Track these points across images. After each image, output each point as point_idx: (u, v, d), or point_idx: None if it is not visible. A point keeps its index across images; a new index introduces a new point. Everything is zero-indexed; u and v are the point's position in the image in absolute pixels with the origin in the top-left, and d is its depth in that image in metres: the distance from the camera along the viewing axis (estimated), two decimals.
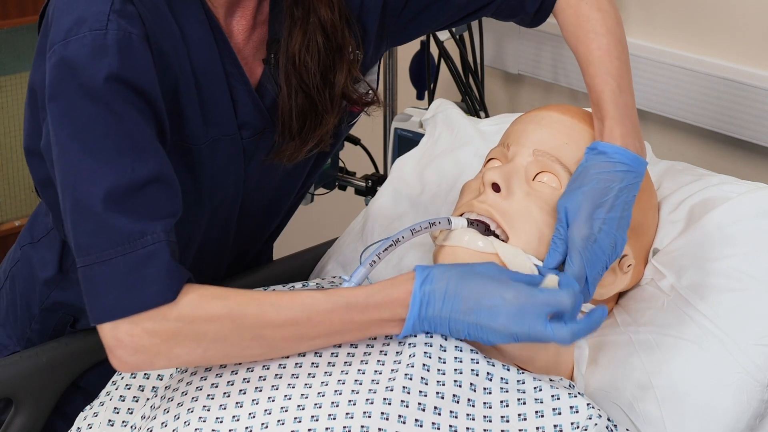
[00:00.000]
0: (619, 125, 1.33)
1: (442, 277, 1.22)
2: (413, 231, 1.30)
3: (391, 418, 1.16)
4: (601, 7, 1.42)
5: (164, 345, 1.18)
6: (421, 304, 1.22)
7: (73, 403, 1.52)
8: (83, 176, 1.19)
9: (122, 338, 1.18)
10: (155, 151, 1.23)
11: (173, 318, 1.18)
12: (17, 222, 2.92)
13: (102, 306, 1.19)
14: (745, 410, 1.28)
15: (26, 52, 2.83)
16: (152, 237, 1.19)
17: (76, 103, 1.20)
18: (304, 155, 1.43)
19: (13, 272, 1.59)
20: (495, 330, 1.21)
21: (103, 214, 1.18)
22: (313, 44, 1.37)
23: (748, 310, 1.33)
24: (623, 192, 1.29)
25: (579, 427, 1.18)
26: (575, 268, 1.25)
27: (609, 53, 1.38)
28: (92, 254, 1.19)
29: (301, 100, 1.39)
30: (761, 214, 1.40)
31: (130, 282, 1.18)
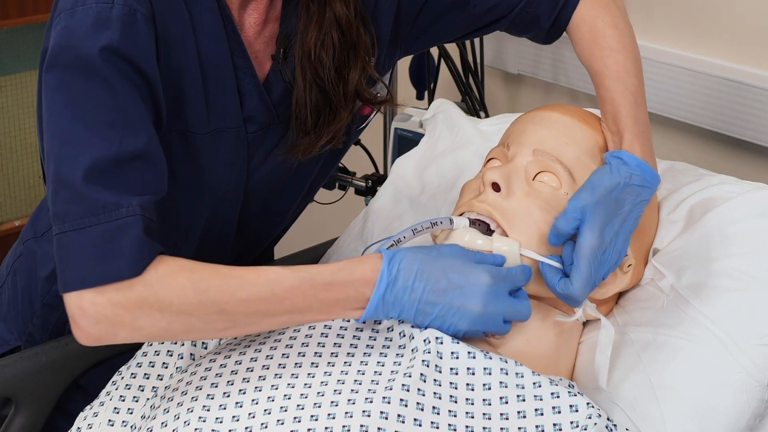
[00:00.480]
0: (639, 141, 1.33)
1: (410, 257, 1.22)
2: (415, 231, 1.30)
3: (390, 417, 1.16)
4: (617, 24, 1.42)
5: (128, 315, 1.18)
6: (389, 283, 1.21)
7: (75, 401, 1.53)
8: (70, 144, 1.20)
9: (86, 307, 1.18)
10: (145, 128, 1.23)
11: (138, 288, 1.18)
12: (17, 222, 2.92)
13: (71, 275, 1.18)
14: (745, 410, 1.28)
15: (26, 52, 2.83)
16: (127, 210, 1.19)
17: (72, 72, 1.21)
18: (318, 150, 1.43)
19: (15, 267, 1.59)
20: (468, 311, 1.22)
21: (83, 183, 1.19)
22: (328, 40, 1.38)
23: (748, 310, 1.33)
24: (637, 207, 1.30)
25: (579, 426, 1.18)
26: (582, 277, 1.26)
27: (627, 70, 1.38)
28: (67, 221, 1.19)
29: (315, 95, 1.39)
30: (761, 214, 1.40)
31: (101, 252, 1.18)
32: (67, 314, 1.20)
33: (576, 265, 1.26)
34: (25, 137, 2.89)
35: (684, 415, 1.28)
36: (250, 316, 1.22)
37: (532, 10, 1.47)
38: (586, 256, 1.26)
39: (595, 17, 1.43)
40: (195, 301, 1.19)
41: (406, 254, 1.23)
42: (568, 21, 1.46)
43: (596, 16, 1.43)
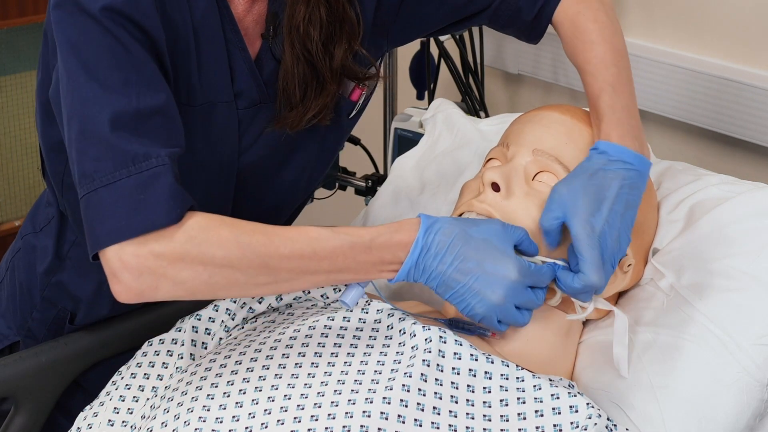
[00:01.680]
0: (616, 126, 1.33)
1: (447, 230, 1.23)
2: None
3: (390, 417, 1.16)
4: (597, 18, 1.43)
5: (170, 267, 1.17)
6: (422, 251, 1.23)
7: (76, 400, 1.53)
8: (90, 103, 1.20)
9: (128, 260, 1.16)
10: (161, 86, 1.24)
11: (181, 240, 1.17)
12: (17, 222, 2.92)
13: (106, 229, 1.17)
14: (745, 410, 1.28)
15: (26, 52, 2.83)
16: (157, 160, 1.19)
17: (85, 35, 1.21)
18: (305, 124, 1.43)
19: (13, 262, 1.59)
20: (486, 298, 1.23)
21: (110, 137, 1.19)
22: (315, 15, 1.38)
23: (748, 310, 1.33)
24: (624, 189, 1.29)
25: (579, 426, 1.18)
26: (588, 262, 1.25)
27: (604, 61, 1.39)
28: (97, 179, 1.18)
29: (303, 68, 1.40)
30: (761, 214, 1.40)
31: (136, 203, 1.17)
32: (106, 272, 1.18)
33: (579, 256, 1.26)
34: (25, 137, 2.89)
35: (684, 415, 1.28)
36: (291, 272, 1.21)
37: (513, 2, 1.48)
38: (583, 243, 1.25)
39: (576, 12, 1.44)
40: (238, 254, 1.18)
41: (444, 225, 1.24)
42: (551, 16, 1.47)
43: (578, 12, 1.44)
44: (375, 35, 1.48)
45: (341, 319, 1.31)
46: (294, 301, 1.43)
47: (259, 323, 1.39)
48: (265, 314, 1.42)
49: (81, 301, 1.55)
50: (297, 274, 1.22)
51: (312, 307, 1.40)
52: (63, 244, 1.53)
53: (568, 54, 1.45)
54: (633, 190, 1.30)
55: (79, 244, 1.51)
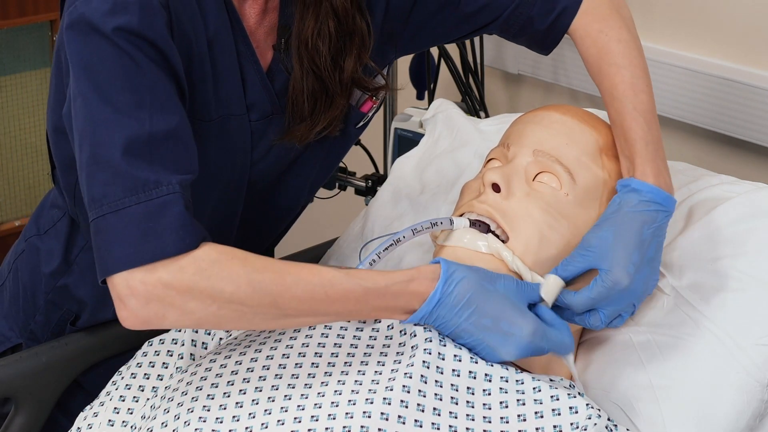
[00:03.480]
0: (651, 164, 1.32)
1: (465, 284, 1.22)
2: (414, 231, 1.30)
3: (390, 418, 1.16)
4: (621, 37, 1.41)
5: (179, 297, 1.16)
6: (438, 303, 1.22)
7: (76, 400, 1.53)
8: (102, 127, 1.19)
9: (136, 287, 1.15)
10: (175, 107, 1.23)
11: (191, 271, 1.16)
12: (17, 222, 2.92)
13: (115, 255, 1.16)
14: (745, 410, 1.28)
15: (26, 52, 2.83)
16: (167, 188, 1.18)
17: (98, 55, 1.20)
18: (314, 137, 1.43)
19: (16, 264, 1.59)
20: (498, 354, 1.24)
21: (120, 162, 1.17)
22: (324, 29, 1.38)
23: (748, 310, 1.33)
24: (657, 232, 1.30)
25: (578, 427, 1.18)
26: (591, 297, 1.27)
27: (633, 87, 1.37)
28: (105, 204, 1.17)
29: (312, 82, 1.39)
30: (761, 214, 1.40)
31: (145, 230, 1.16)
32: (113, 297, 1.17)
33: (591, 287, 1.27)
34: (25, 137, 2.89)
35: (684, 415, 1.28)
36: (301, 312, 1.20)
37: (525, 11, 1.46)
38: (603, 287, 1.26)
39: (599, 31, 1.42)
40: (249, 291, 1.17)
41: (464, 277, 1.22)
42: (566, 29, 1.46)
43: (600, 30, 1.42)
44: (383, 44, 1.48)
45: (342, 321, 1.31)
46: None
47: None
48: None
49: (86, 305, 1.54)
50: (307, 314, 1.21)
51: None
52: (72, 248, 1.52)
53: (591, 74, 1.43)
54: (662, 231, 1.31)
55: (88, 250, 1.51)
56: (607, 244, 1.27)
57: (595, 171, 1.36)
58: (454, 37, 1.54)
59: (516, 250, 1.30)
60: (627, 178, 1.33)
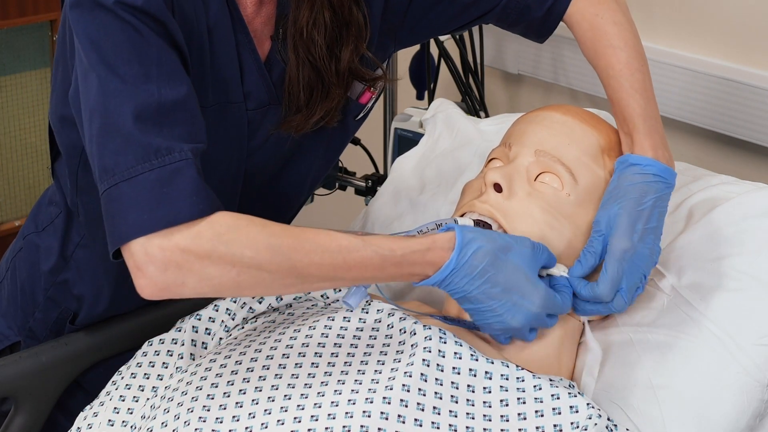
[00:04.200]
0: (648, 138, 1.35)
1: (480, 254, 1.22)
2: (420, 232, 1.30)
3: (390, 417, 1.16)
4: (617, 20, 1.43)
5: (198, 263, 1.14)
6: (452, 272, 1.22)
7: (76, 400, 1.53)
8: (112, 97, 1.18)
9: (154, 253, 1.14)
10: (182, 78, 1.22)
11: (209, 237, 1.15)
12: (17, 222, 2.92)
13: (130, 222, 1.15)
14: (745, 410, 1.28)
15: (26, 52, 2.83)
16: (180, 154, 1.17)
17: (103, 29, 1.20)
18: (311, 127, 1.43)
19: (15, 261, 1.59)
20: (504, 320, 1.24)
21: (132, 130, 1.17)
22: (320, 19, 1.38)
23: (748, 310, 1.33)
24: (658, 202, 1.32)
25: (579, 426, 1.18)
26: (609, 276, 1.28)
27: (629, 66, 1.39)
28: (118, 173, 1.16)
29: (307, 72, 1.39)
30: (761, 214, 1.40)
31: (159, 196, 1.15)
32: (130, 266, 1.16)
33: (604, 269, 1.28)
34: (25, 137, 2.89)
35: (684, 415, 1.28)
36: (318, 277, 1.20)
37: (521, 0, 1.48)
38: (612, 260, 1.28)
39: (594, 14, 1.44)
40: (267, 256, 1.16)
41: (479, 247, 1.23)
42: (562, 15, 1.47)
43: (595, 14, 1.44)
44: (382, 37, 1.48)
45: (341, 320, 1.31)
46: (294, 301, 1.43)
47: (259, 323, 1.39)
48: (265, 314, 1.42)
49: (84, 301, 1.55)
50: (324, 279, 1.20)
51: (312, 307, 1.40)
52: (68, 244, 1.52)
53: (587, 56, 1.45)
54: (663, 202, 1.33)
55: (84, 246, 1.51)
56: (612, 218, 1.30)
57: (597, 171, 1.36)
58: (452, 27, 1.55)
59: None
60: (624, 155, 1.35)
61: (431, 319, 1.34)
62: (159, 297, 1.16)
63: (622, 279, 1.29)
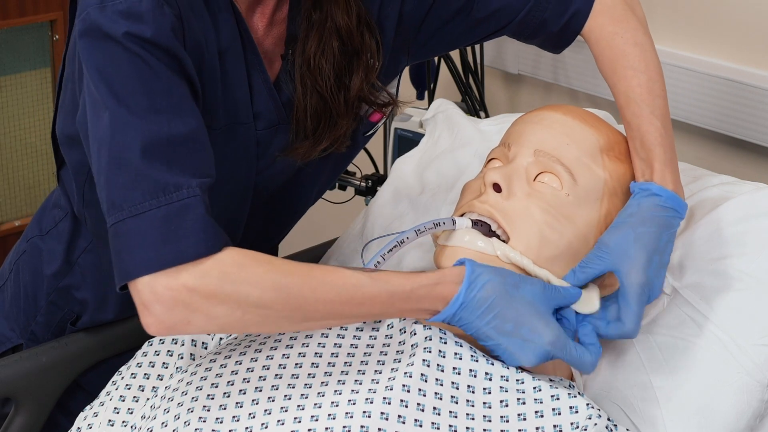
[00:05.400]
0: (670, 170, 1.34)
1: (489, 287, 1.22)
2: (418, 231, 1.30)
3: (390, 417, 1.16)
4: (637, 40, 1.41)
5: (204, 302, 1.13)
6: (461, 306, 1.21)
7: (76, 400, 1.53)
8: (120, 130, 1.17)
9: (160, 292, 1.13)
10: (191, 111, 1.21)
11: (215, 275, 1.14)
12: (17, 222, 2.92)
13: (137, 259, 1.14)
14: (745, 410, 1.28)
15: (26, 52, 2.83)
16: (188, 191, 1.16)
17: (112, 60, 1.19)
18: (318, 155, 1.43)
19: (18, 264, 1.59)
20: (516, 359, 1.23)
21: (140, 165, 1.16)
22: (328, 48, 1.37)
23: (748, 310, 1.33)
24: (671, 237, 1.31)
25: (579, 427, 1.18)
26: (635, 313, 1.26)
27: (650, 91, 1.38)
28: (125, 209, 1.16)
29: (315, 101, 1.39)
30: (761, 214, 1.40)
31: (166, 234, 1.14)
32: (136, 303, 1.15)
33: (625, 305, 1.26)
34: (25, 137, 2.89)
35: (684, 415, 1.28)
36: (325, 315, 1.19)
37: (538, 15, 1.46)
38: (633, 296, 1.26)
39: (614, 33, 1.42)
40: (273, 296, 1.16)
41: (488, 281, 1.22)
42: (579, 30, 1.46)
43: (615, 32, 1.42)
44: (395, 51, 1.48)
45: None
46: None
47: None
48: None
49: (87, 306, 1.54)
50: (332, 317, 1.20)
51: None
52: (74, 249, 1.52)
53: (605, 75, 1.43)
54: (674, 237, 1.32)
55: (91, 251, 1.51)
56: (626, 247, 1.28)
57: (596, 171, 1.36)
58: (466, 42, 1.54)
59: (517, 250, 1.30)
60: (647, 182, 1.33)
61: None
62: (165, 334, 1.17)
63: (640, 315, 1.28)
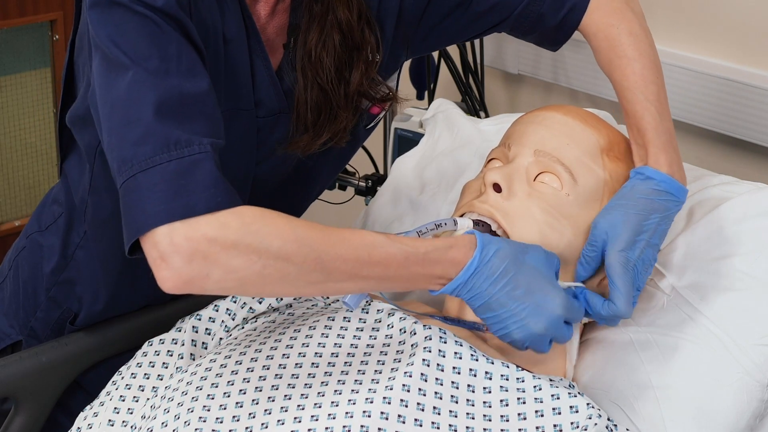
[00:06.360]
0: (664, 153, 1.34)
1: (501, 253, 1.22)
2: (419, 232, 1.30)
3: (390, 417, 1.16)
4: (632, 30, 1.42)
5: (224, 253, 1.11)
6: (475, 272, 1.22)
7: (77, 399, 1.53)
8: (133, 89, 1.17)
9: (180, 242, 1.10)
10: (202, 74, 1.21)
11: (236, 226, 1.12)
12: (17, 222, 2.92)
13: (149, 211, 1.12)
14: (745, 410, 1.28)
15: (26, 52, 2.83)
16: (199, 147, 1.15)
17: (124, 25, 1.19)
18: (318, 148, 1.43)
19: (17, 260, 1.59)
20: (527, 326, 1.23)
21: (152, 121, 1.15)
22: (329, 41, 1.38)
23: (748, 310, 1.33)
24: (664, 220, 1.31)
25: (579, 426, 1.18)
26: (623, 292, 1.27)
27: (644, 77, 1.38)
28: (136, 163, 1.14)
29: (315, 94, 1.39)
30: (761, 214, 1.40)
31: (176, 187, 1.13)
32: (152, 257, 1.12)
33: (612, 287, 1.27)
34: (25, 137, 2.89)
35: (684, 415, 1.28)
36: (343, 273, 1.17)
37: (535, 9, 1.47)
38: (617, 275, 1.27)
39: (610, 25, 1.43)
40: (294, 247, 1.14)
41: (500, 247, 1.23)
42: (577, 25, 1.46)
43: (611, 24, 1.43)
44: (394, 47, 1.48)
45: (342, 320, 1.31)
46: (294, 301, 1.43)
47: (259, 323, 1.39)
48: (265, 314, 1.42)
49: (83, 302, 1.55)
50: (349, 276, 1.18)
51: (312, 307, 1.41)
52: (69, 245, 1.52)
53: (602, 67, 1.44)
54: (669, 220, 1.32)
55: (83, 246, 1.51)
56: (614, 227, 1.29)
57: (596, 171, 1.36)
58: (465, 37, 1.54)
59: None
60: (641, 166, 1.34)
61: (431, 319, 1.34)
62: (181, 290, 1.12)
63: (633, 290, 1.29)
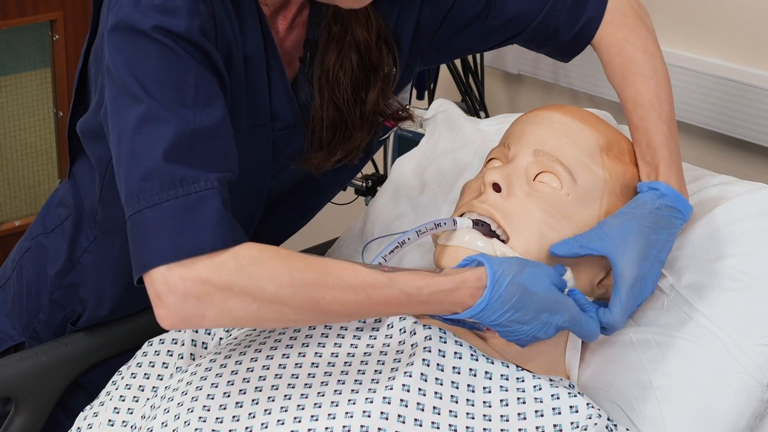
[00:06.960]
0: (675, 172, 1.36)
1: (511, 288, 1.21)
2: (419, 232, 1.30)
3: (390, 417, 1.16)
4: (647, 48, 1.43)
5: (218, 295, 1.12)
6: (483, 309, 1.21)
7: (77, 399, 1.53)
8: (144, 122, 1.17)
9: (175, 283, 1.12)
10: (218, 105, 1.21)
11: (231, 268, 1.13)
12: (17, 222, 2.92)
13: (152, 250, 1.13)
14: (745, 410, 1.28)
15: (26, 52, 2.83)
16: (206, 183, 1.15)
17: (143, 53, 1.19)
18: (331, 165, 1.43)
19: (21, 262, 1.59)
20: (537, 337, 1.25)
21: (160, 158, 1.15)
22: (347, 62, 1.38)
23: (748, 310, 1.33)
24: (671, 237, 1.32)
25: (579, 426, 1.18)
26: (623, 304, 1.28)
27: (659, 96, 1.41)
28: (142, 199, 1.15)
29: (332, 113, 1.39)
30: (761, 214, 1.40)
31: (181, 225, 1.13)
32: (150, 295, 1.14)
33: (616, 295, 1.28)
34: (25, 137, 2.89)
35: (684, 415, 1.29)
36: (341, 315, 1.19)
37: (551, 23, 1.47)
38: (624, 287, 1.28)
39: (624, 41, 1.44)
40: (290, 292, 1.15)
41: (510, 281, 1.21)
42: (590, 39, 1.47)
43: (626, 40, 1.44)
44: (410, 59, 1.48)
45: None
46: None
47: None
48: None
49: (86, 305, 1.54)
50: (347, 316, 1.20)
51: None
52: (76, 249, 1.52)
53: (613, 81, 1.45)
54: (674, 237, 1.34)
55: (91, 251, 1.51)
56: (626, 236, 1.29)
57: (596, 171, 1.36)
58: (479, 49, 1.56)
59: (516, 249, 1.30)
60: (654, 181, 1.35)
61: (431, 319, 1.34)
62: (179, 327, 1.15)
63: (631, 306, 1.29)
